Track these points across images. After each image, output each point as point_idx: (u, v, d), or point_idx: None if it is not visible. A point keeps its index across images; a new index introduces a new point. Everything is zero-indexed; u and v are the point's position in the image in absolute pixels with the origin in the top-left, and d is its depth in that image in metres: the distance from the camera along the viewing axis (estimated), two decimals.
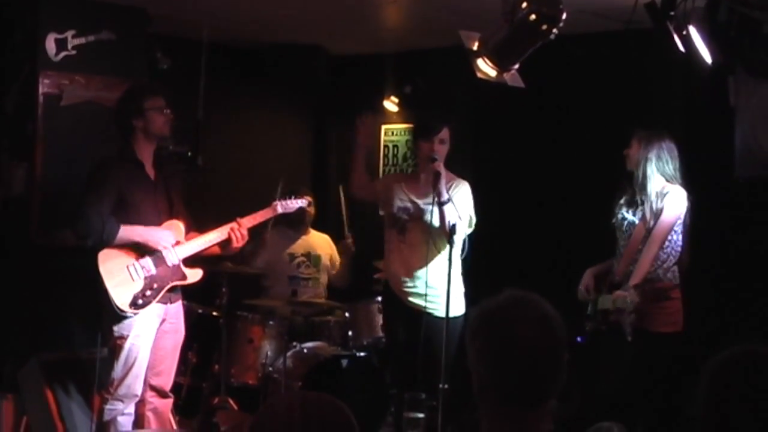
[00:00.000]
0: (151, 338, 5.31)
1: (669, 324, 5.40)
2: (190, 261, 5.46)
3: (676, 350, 5.47)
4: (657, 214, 5.39)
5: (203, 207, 7.39)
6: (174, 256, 5.35)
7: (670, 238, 5.43)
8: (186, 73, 7.05)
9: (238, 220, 5.53)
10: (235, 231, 5.49)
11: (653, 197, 5.41)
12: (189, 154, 5.73)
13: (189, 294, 6.14)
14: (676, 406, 5.71)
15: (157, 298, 5.26)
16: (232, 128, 8.26)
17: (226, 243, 5.56)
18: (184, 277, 5.41)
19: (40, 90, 6.26)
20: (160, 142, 5.44)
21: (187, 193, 5.77)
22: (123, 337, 5.20)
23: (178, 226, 5.44)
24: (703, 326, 5.87)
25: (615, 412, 5.05)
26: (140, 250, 5.26)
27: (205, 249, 5.53)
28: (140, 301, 5.18)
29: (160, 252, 5.30)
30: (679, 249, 5.47)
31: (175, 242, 5.38)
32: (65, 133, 6.33)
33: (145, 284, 5.22)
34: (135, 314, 5.18)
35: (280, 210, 5.93)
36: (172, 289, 5.41)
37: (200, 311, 6.67)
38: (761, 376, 2.27)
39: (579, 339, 5.64)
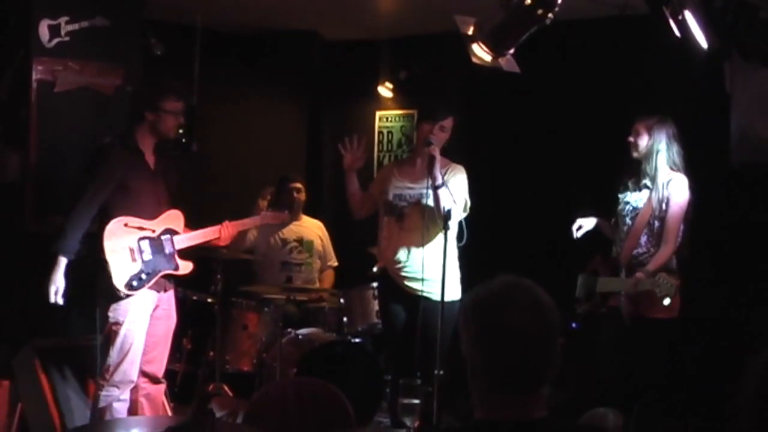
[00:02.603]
0: (145, 325, 5.33)
1: (666, 310, 5.40)
2: (183, 253, 5.48)
3: (673, 336, 5.47)
4: (663, 202, 5.39)
5: (198, 192, 7.40)
6: (171, 245, 5.38)
7: None
8: (180, 59, 7.05)
9: (227, 222, 5.58)
10: (226, 228, 5.56)
11: (660, 186, 5.41)
12: (183, 140, 5.72)
13: (184, 281, 6.14)
14: (672, 391, 5.72)
15: (150, 284, 5.28)
16: (227, 114, 8.25)
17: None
18: (177, 268, 5.43)
19: (34, 76, 6.24)
20: (162, 141, 5.45)
21: (183, 183, 5.76)
22: (119, 323, 5.21)
23: (179, 216, 5.47)
24: (699, 312, 5.87)
25: (611, 398, 5.06)
26: (142, 232, 5.28)
27: (198, 244, 5.55)
28: (135, 283, 5.21)
29: (160, 239, 5.33)
30: (680, 237, 5.47)
31: (174, 232, 5.41)
32: (59, 119, 6.31)
33: (142, 268, 5.24)
34: (128, 296, 5.19)
35: (266, 221, 6.13)
36: (166, 278, 5.42)
37: (195, 298, 6.67)
38: None
39: (574, 325, 5.64)
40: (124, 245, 5.22)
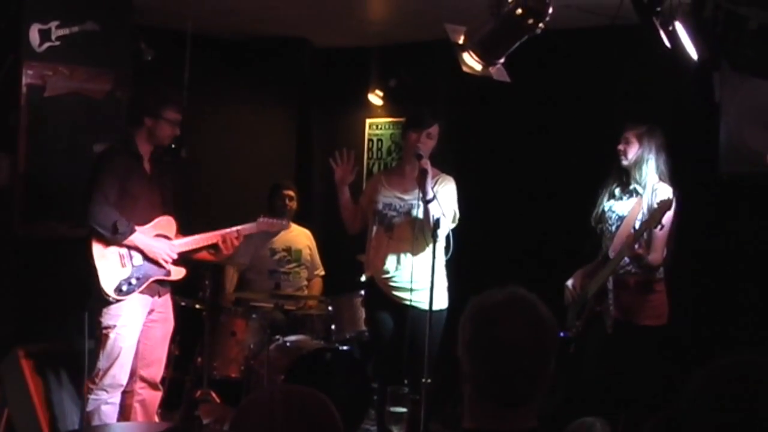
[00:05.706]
0: (137, 329, 5.34)
1: (654, 317, 5.42)
2: (177, 259, 5.49)
3: (661, 344, 5.48)
4: (650, 209, 5.40)
5: (187, 198, 7.38)
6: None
7: None
8: (170, 65, 7.03)
9: (228, 231, 5.59)
10: (228, 239, 5.56)
11: (648, 193, 5.43)
12: (173, 145, 5.72)
13: (172, 286, 6.12)
14: (660, 400, 5.73)
15: (140, 289, 5.29)
16: (217, 120, 8.24)
17: (216, 249, 5.59)
18: (169, 273, 5.46)
19: (24, 81, 6.23)
20: (157, 148, 5.50)
21: (176, 189, 5.77)
22: (109, 327, 5.24)
23: (171, 222, 5.51)
24: (686, 320, 5.88)
25: (598, 406, 5.06)
26: None
27: (194, 249, 5.55)
28: (125, 288, 5.23)
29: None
30: (665, 249, 5.48)
31: (167, 238, 5.43)
32: (49, 124, 6.30)
33: (132, 273, 5.25)
34: (117, 300, 5.21)
35: (263, 228, 5.99)
36: (160, 283, 5.44)
37: (183, 304, 6.66)
38: (755, 387, 2.11)
39: (562, 334, 5.64)
40: (114, 250, 5.23)
